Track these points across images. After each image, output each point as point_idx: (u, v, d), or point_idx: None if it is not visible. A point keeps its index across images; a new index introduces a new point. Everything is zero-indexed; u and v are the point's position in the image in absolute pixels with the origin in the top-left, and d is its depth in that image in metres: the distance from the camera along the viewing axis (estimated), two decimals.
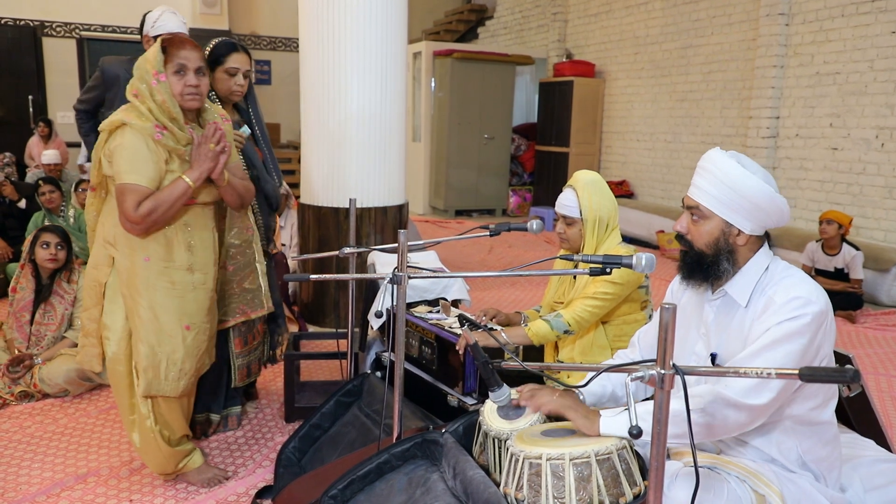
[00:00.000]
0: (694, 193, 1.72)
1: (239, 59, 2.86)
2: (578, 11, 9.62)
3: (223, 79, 2.86)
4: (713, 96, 7.59)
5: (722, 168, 1.67)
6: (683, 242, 1.77)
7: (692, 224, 1.74)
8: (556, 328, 2.45)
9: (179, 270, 2.38)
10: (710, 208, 1.69)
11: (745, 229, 1.68)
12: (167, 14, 3.40)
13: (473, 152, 9.66)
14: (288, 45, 10.91)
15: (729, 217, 1.68)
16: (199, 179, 2.31)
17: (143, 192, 2.24)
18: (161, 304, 2.35)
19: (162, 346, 2.37)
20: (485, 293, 5.58)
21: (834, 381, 1.23)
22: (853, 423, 2.08)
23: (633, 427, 1.22)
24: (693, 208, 1.72)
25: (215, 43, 2.87)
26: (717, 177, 1.66)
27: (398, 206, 4.57)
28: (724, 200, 1.66)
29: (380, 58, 4.28)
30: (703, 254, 1.72)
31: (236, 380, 2.97)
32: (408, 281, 1.92)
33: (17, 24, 9.66)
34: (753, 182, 1.64)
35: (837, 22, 6.23)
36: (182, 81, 2.28)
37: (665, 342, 1.22)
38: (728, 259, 1.70)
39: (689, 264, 1.75)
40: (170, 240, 2.36)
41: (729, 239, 1.69)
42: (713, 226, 1.70)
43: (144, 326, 2.35)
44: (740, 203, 1.66)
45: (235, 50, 2.86)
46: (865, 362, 4.29)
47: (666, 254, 7.15)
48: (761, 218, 1.68)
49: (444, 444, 1.85)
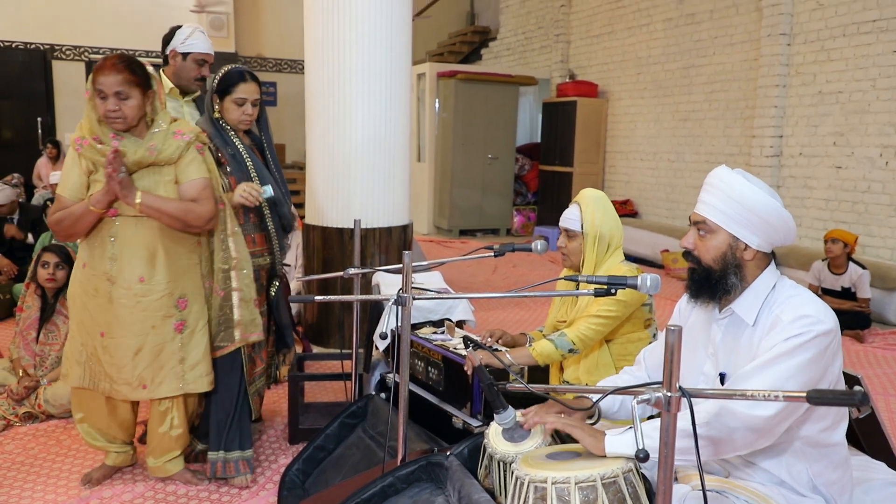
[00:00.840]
0: (700, 209, 1.72)
1: (247, 89, 2.85)
2: (581, 32, 9.69)
3: (232, 108, 2.86)
4: (716, 115, 7.61)
5: (728, 182, 1.67)
6: (691, 259, 1.76)
7: (699, 239, 1.73)
8: (561, 347, 2.44)
9: (100, 279, 2.50)
10: (716, 222, 1.69)
11: (752, 244, 1.68)
12: (198, 34, 3.34)
13: (477, 172, 9.70)
14: (293, 66, 11.01)
15: (736, 231, 1.67)
16: (98, 202, 2.40)
17: (63, 203, 2.47)
18: (87, 307, 2.55)
19: (86, 345, 2.58)
20: (489, 313, 5.56)
21: (842, 404, 1.21)
22: (863, 444, 2.06)
23: (639, 450, 1.21)
24: (700, 223, 1.72)
25: (224, 72, 2.87)
26: (724, 191, 1.67)
27: (402, 226, 4.58)
28: (731, 214, 1.66)
29: (384, 79, 4.31)
30: (711, 269, 1.71)
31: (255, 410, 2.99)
32: (412, 302, 1.92)
33: (28, 47, 9.79)
34: (760, 196, 1.65)
35: (839, 42, 6.26)
36: (103, 105, 2.37)
37: (671, 364, 1.21)
38: (736, 274, 1.69)
39: (697, 281, 1.75)
40: (94, 249, 2.52)
41: (736, 253, 1.69)
42: (720, 240, 1.69)
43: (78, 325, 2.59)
44: (747, 217, 1.65)
45: (244, 80, 2.85)
46: (875, 382, 4.25)
47: (671, 273, 7.13)
48: (768, 233, 1.67)
49: (449, 466, 1.84)
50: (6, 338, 4.28)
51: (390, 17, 4.27)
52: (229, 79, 2.84)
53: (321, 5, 4.25)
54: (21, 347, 3.53)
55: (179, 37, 3.31)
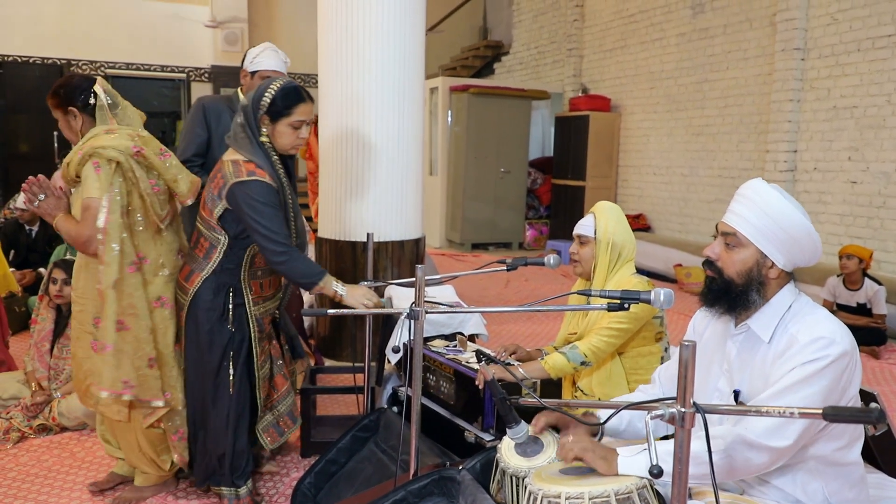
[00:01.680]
0: (732, 220, 1.69)
1: (306, 110, 2.48)
2: (594, 47, 9.72)
3: (286, 133, 2.46)
4: (729, 130, 7.60)
5: (765, 198, 1.64)
6: (712, 269, 1.73)
7: (725, 251, 1.70)
8: (573, 360, 2.44)
9: None
10: (747, 236, 1.65)
11: (779, 263, 1.65)
12: (268, 52, 3.31)
13: (490, 186, 9.71)
14: (307, 80, 11.10)
15: (765, 248, 1.65)
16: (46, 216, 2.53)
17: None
18: None
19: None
20: (502, 327, 5.55)
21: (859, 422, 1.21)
22: (880, 462, 2.03)
23: (653, 467, 1.20)
24: (729, 235, 1.69)
25: (278, 89, 2.44)
26: (760, 206, 1.64)
27: (415, 239, 4.59)
28: (764, 230, 1.64)
29: (398, 93, 4.34)
30: (733, 282, 1.68)
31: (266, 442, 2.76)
32: (425, 316, 1.92)
33: (45, 62, 9.93)
34: (796, 216, 1.62)
35: (853, 56, 6.24)
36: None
37: (685, 380, 1.20)
38: (758, 291, 1.67)
39: (714, 291, 1.72)
40: None
41: (762, 270, 1.67)
42: (748, 255, 1.67)
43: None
44: (779, 235, 1.63)
45: (302, 99, 2.48)
46: (891, 399, 4.20)
47: (684, 287, 7.09)
48: (795, 253, 1.65)
49: (462, 481, 1.83)
50: (21, 350, 4.31)
51: (404, 32, 4.31)
52: (287, 98, 2.44)
53: (335, 20, 4.29)
54: (35, 360, 3.55)
55: (249, 55, 3.35)
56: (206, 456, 2.62)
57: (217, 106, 3.37)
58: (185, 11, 10.54)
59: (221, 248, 2.48)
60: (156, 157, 2.51)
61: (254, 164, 2.40)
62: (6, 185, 9.74)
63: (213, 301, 2.50)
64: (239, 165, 2.40)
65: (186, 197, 2.60)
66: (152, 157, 2.49)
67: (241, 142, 2.45)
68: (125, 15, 10.20)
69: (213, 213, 2.45)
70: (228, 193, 2.39)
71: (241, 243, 2.50)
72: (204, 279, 2.49)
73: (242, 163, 2.41)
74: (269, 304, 2.71)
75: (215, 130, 3.30)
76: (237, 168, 2.40)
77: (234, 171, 2.40)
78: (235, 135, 2.48)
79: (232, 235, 2.48)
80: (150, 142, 2.55)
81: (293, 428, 2.85)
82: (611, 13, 9.33)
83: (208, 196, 2.49)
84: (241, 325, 2.56)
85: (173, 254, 2.62)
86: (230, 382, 2.54)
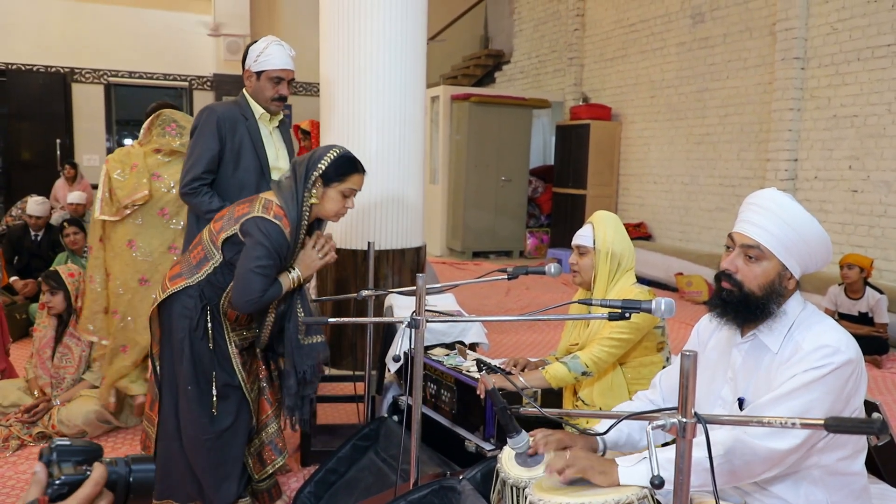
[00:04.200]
0: (753, 231, 1.63)
1: (358, 181, 2.47)
2: (594, 56, 9.75)
3: (335, 199, 2.44)
4: (730, 139, 7.61)
5: (785, 209, 1.61)
6: (731, 281, 1.66)
7: (746, 263, 1.65)
8: (574, 370, 2.43)
9: None
10: (771, 249, 1.61)
11: (796, 273, 1.63)
12: (274, 47, 2.91)
13: (491, 194, 9.72)
14: (308, 89, 11.13)
15: (786, 260, 1.62)
16: None
17: None
18: None
19: None
20: (502, 336, 5.54)
21: (861, 433, 1.20)
22: (882, 472, 2.02)
23: (654, 477, 1.19)
24: (752, 248, 1.63)
25: (335, 157, 2.43)
26: (781, 217, 1.60)
27: (416, 248, 4.59)
28: (786, 242, 1.60)
29: (399, 102, 4.35)
30: (753, 295, 1.63)
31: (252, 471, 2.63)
32: (426, 325, 1.92)
33: (48, 70, 9.97)
34: (814, 225, 1.60)
35: (853, 66, 6.25)
36: None
37: (686, 390, 1.20)
38: (777, 303, 1.63)
39: (730, 304, 1.66)
40: None
41: (783, 282, 1.63)
42: (770, 267, 1.62)
43: None
44: (800, 247, 1.61)
45: (357, 171, 2.46)
46: (894, 409, 4.19)
47: (685, 296, 7.09)
48: (807, 262, 1.63)
49: (462, 490, 1.83)
50: (21, 358, 4.30)
51: (405, 41, 4.32)
52: (342, 167, 2.43)
53: (337, 29, 4.30)
54: (38, 367, 3.55)
55: (252, 53, 2.93)
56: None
57: (232, 115, 2.96)
58: (187, 20, 10.59)
59: (213, 264, 2.43)
60: None
61: (284, 213, 2.38)
62: (9, 192, 9.77)
63: (191, 310, 2.42)
64: (271, 207, 2.39)
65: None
66: None
67: (285, 193, 2.43)
68: (128, 24, 10.25)
69: (221, 231, 2.43)
70: (246, 222, 2.37)
71: (231, 269, 2.43)
72: (188, 286, 2.43)
73: (275, 206, 2.39)
74: (248, 333, 2.61)
75: (229, 143, 2.95)
76: (268, 207, 2.39)
77: (263, 208, 2.38)
78: (281, 185, 2.46)
79: (227, 259, 2.42)
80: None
81: (277, 461, 2.68)
82: (611, 22, 9.36)
83: (227, 214, 2.46)
84: (219, 345, 2.48)
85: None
86: (212, 403, 2.44)
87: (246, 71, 2.95)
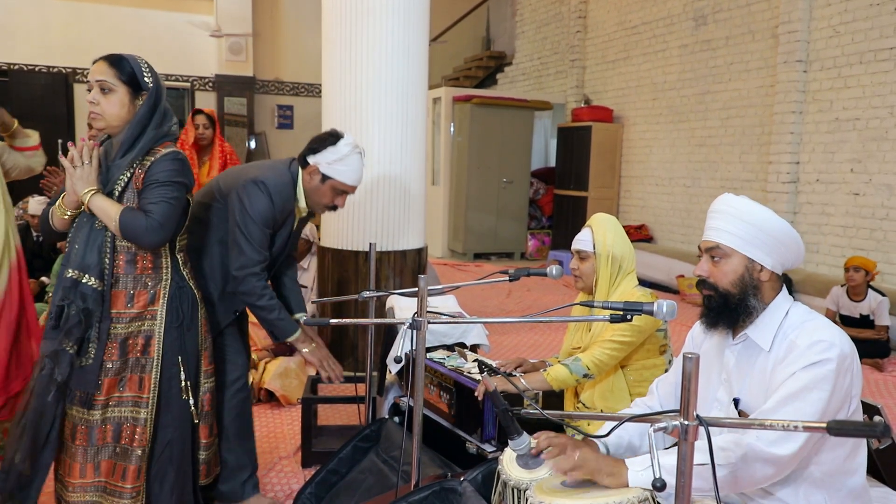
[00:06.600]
0: (711, 235, 1.73)
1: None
2: (596, 58, 9.75)
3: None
4: (732, 142, 7.60)
5: (736, 206, 1.69)
6: (706, 287, 1.74)
7: (713, 266, 1.73)
8: (575, 372, 2.43)
9: None
10: (730, 245, 1.69)
11: (767, 265, 1.68)
12: (355, 157, 2.60)
13: (492, 196, 9.72)
14: (310, 90, 11.14)
15: (750, 252, 1.68)
16: None
17: None
18: None
19: None
20: (503, 337, 5.54)
21: (863, 436, 1.20)
22: (883, 475, 2.02)
23: (656, 480, 1.19)
24: (712, 249, 1.72)
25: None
26: (733, 215, 1.68)
27: (417, 249, 4.59)
28: (744, 236, 1.67)
29: (401, 103, 4.35)
30: (729, 293, 1.70)
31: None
32: (427, 326, 1.92)
33: (51, 70, 9.99)
34: (769, 215, 1.66)
35: (856, 69, 6.25)
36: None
37: (688, 392, 1.20)
38: (755, 296, 1.69)
39: (714, 309, 1.73)
40: None
41: (753, 275, 1.69)
42: (736, 263, 1.69)
43: None
44: (760, 237, 1.66)
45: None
46: (895, 412, 4.18)
47: (686, 299, 7.08)
48: (781, 252, 1.68)
49: (463, 492, 1.82)
50: None
51: (407, 42, 4.32)
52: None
53: (339, 30, 4.31)
54: None
55: (329, 153, 2.55)
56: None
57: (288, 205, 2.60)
58: (189, 21, 10.60)
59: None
60: None
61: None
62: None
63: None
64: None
65: None
66: None
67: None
68: (130, 24, 10.26)
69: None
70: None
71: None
72: None
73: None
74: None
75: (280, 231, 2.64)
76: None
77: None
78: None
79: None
80: None
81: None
82: (613, 24, 9.36)
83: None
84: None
85: None
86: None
87: (312, 167, 2.56)
